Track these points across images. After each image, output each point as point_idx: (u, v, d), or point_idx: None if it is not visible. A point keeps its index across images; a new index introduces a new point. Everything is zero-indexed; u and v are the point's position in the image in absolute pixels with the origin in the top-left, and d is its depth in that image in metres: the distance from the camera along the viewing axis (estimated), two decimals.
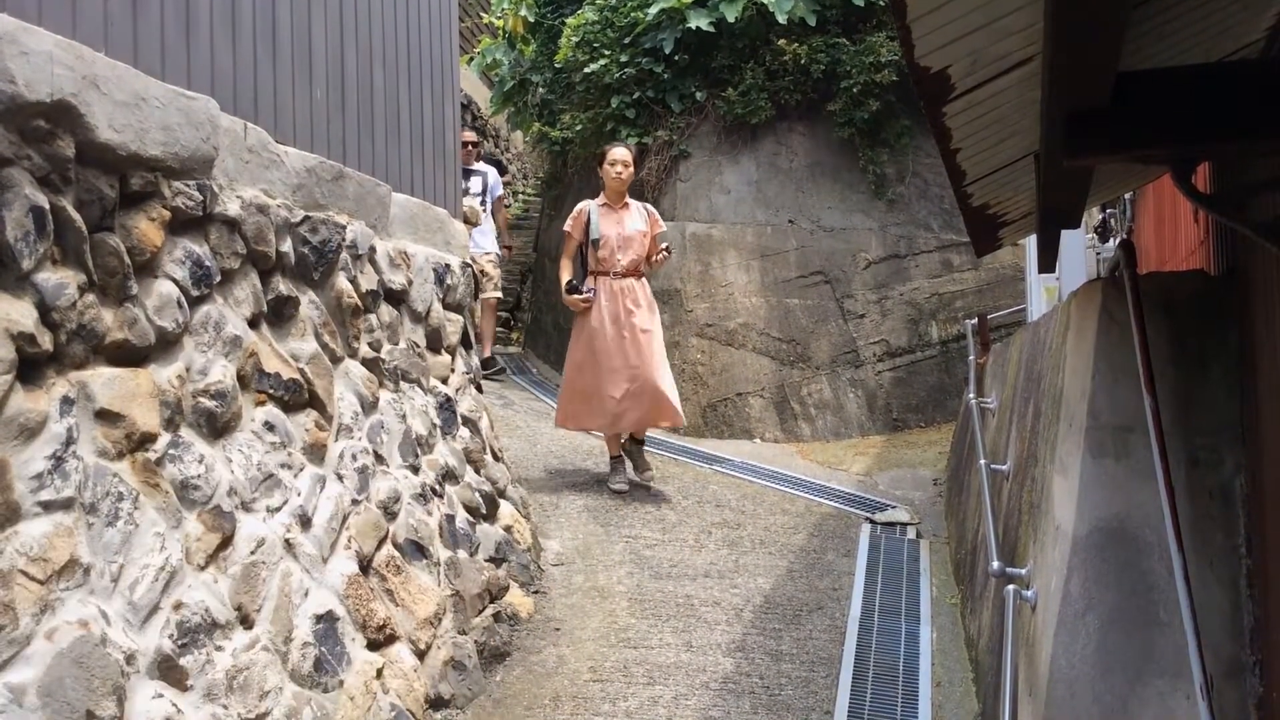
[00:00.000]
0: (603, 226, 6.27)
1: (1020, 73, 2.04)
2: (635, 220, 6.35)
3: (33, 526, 2.37)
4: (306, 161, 3.81)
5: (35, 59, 2.42)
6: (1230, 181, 3.04)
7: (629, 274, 6.24)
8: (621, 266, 6.23)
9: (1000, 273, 8.75)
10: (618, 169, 6.32)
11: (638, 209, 6.44)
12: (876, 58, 8.31)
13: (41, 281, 2.46)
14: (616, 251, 6.23)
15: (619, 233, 6.27)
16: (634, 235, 6.27)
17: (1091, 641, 2.79)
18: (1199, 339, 2.93)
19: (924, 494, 6.80)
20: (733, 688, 4.26)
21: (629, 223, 6.32)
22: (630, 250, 6.26)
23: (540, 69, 10.02)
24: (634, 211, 6.40)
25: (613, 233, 6.25)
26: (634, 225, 6.32)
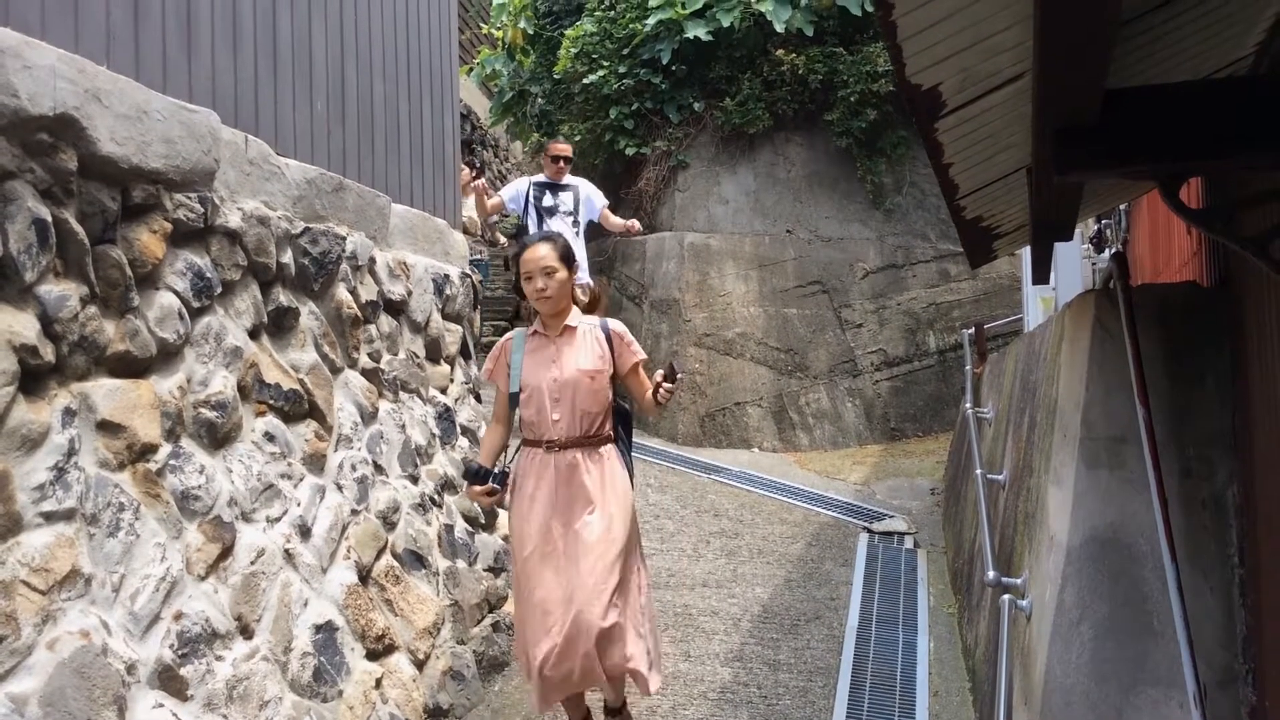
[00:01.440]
0: (526, 369, 3.74)
1: (1011, 89, 2.07)
2: (581, 353, 3.71)
3: (34, 537, 2.39)
4: (307, 173, 3.84)
5: (38, 73, 2.45)
6: (1221, 196, 3.07)
7: (574, 444, 3.68)
8: (557, 433, 3.68)
9: (997, 283, 8.78)
10: (539, 280, 3.69)
11: (588, 333, 3.79)
12: (874, 68, 8.36)
13: (44, 293, 2.48)
14: (549, 408, 3.70)
15: (552, 377, 3.70)
16: (576, 378, 3.66)
17: (1086, 651, 2.80)
18: (1191, 350, 2.96)
19: (921, 503, 6.82)
20: (730, 697, 4.27)
21: (569, 358, 3.71)
22: (570, 403, 3.68)
23: (539, 80, 10.06)
24: (580, 339, 3.76)
25: (541, 379, 3.71)
26: (577, 361, 3.69)
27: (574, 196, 7.31)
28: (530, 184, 7.30)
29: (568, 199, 7.30)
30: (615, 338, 3.77)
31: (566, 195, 7.30)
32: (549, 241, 3.74)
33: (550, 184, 7.29)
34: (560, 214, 7.14)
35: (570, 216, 7.21)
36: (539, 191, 7.24)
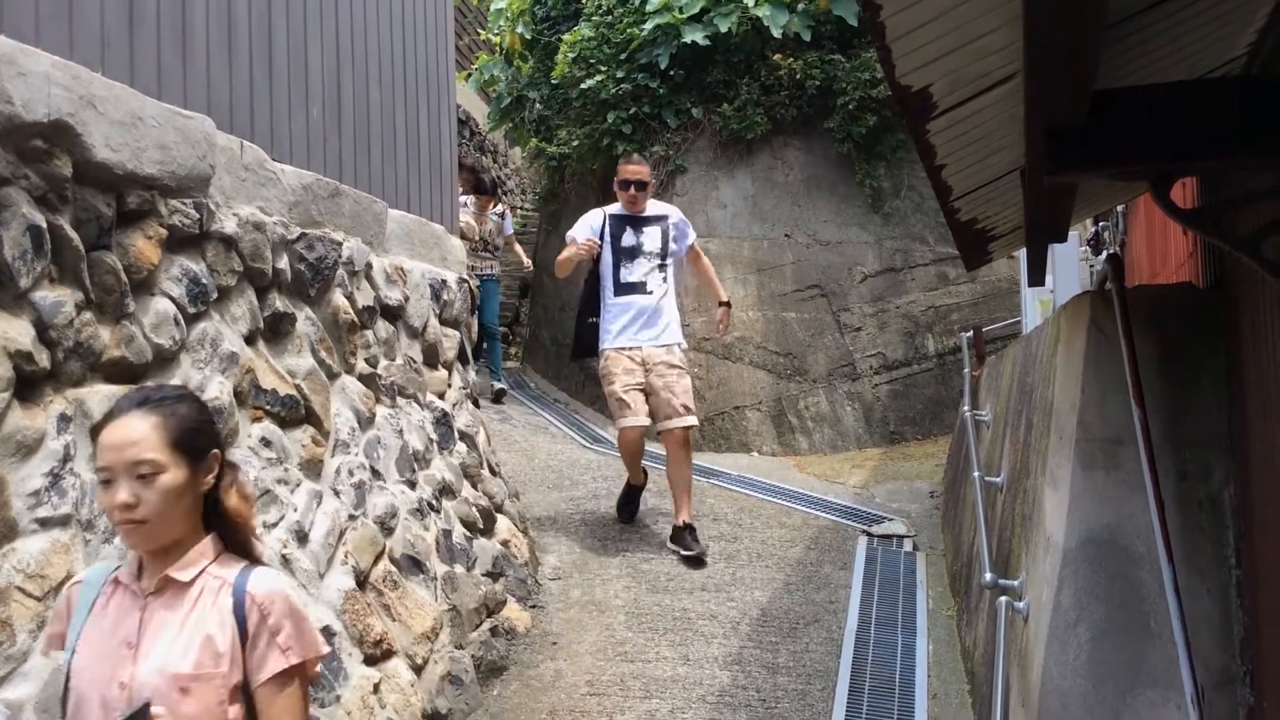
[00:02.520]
0: (81, 651, 1.94)
1: (1001, 90, 2.07)
2: (181, 636, 1.91)
3: (30, 543, 2.39)
4: (303, 179, 3.84)
5: (33, 80, 2.45)
6: (1213, 196, 3.07)
7: None
8: None
9: (996, 285, 8.78)
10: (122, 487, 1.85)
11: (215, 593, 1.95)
12: (872, 73, 8.36)
13: (39, 300, 2.48)
14: None
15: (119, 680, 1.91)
16: (157, 687, 1.86)
17: (1083, 652, 2.80)
18: (1187, 351, 2.96)
19: (921, 506, 6.81)
20: (729, 701, 4.27)
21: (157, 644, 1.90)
22: None
23: (537, 85, 10.07)
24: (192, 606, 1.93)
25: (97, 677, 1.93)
26: (165, 655, 1.89)
27: (661, 232, 5.71)
28: (606, 217, 5.75)
29: (654, 236, 5.69)
30: (254, 608, 1.93)
31: (652, 230, 5.70)
32: (151, 411, 1.91)
33: (629, 217, 5.72)
34: (645, 255, 5.65)
35: (656, 259, 5.67)
36: (616, 227, 5.69)
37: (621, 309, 5.58)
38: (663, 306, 5.61)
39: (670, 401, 5.49)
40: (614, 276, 5.58)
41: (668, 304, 5.65)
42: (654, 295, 5.60)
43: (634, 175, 5.70)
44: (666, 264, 5.69)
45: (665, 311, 5.63)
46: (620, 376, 5.48)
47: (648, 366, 5.52)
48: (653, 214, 5.77)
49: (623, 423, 5.50)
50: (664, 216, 5.80)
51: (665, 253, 5.70)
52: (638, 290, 5.59)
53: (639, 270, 5.60)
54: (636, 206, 5.70)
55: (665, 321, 5.63)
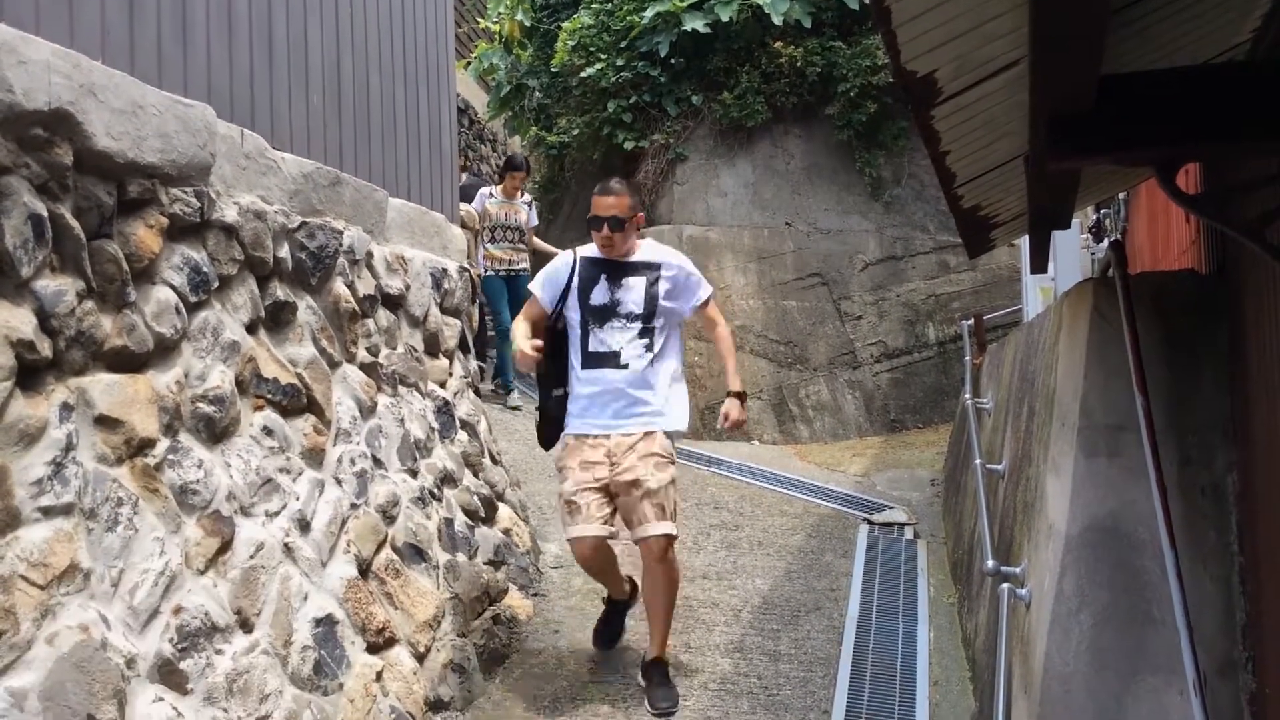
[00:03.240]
0: None
1: (1007, 76, 2.06)
2: None
3: (33, 532, 2.39)
4: (303, 167, 3.83)
5: (33, 68, 2.44)
6: (1217, 182, 3.06)
7: None
8: None
9: (996, 273, 8.77)
10: None
11: None
12: (873, 61, 8.34)
13: (40, 289, 2.48)
14: None
15: None
16: None
17: (1085, 639, 2.81)
18: (1190, 338, 2.96)
19: (921, 494, 6.82)
20: (731, 688, 4.28)
21: None
22: None
23: (537, 73, 10.05)
24: None
25: None
26: None
27: (648, 285, 4.13)
28: (576, 260, 4.23)
29: (636, 290, 4.13)
30: None
31: (635, 283, 4.14)
32: None
33: (605, 263, 4.19)
34: (621, 317, 4.12)
35: (638, 323, 4.11)
36: (588, 275, 4.17)
37: (586, 385, 4.10)
38: (647, 383, 4.05)
39: (641, 503, 3.94)
40: (580, 343, 4.10)
41: (655, 379, 4.08)
42: (631, 369, 4.04)
43: (607, 210, 4.05)
44: (654, 328, 4.08)
45: (650, 390, 4.06)
46: (574, 472, 4.03)
47: (614, 459, 4.00)
48: (640, 260, 4.16)
49: (570, 532, 4.07)
50: (655, 265, 4.15)
51: (653, 313, 4.09)
52: (608, 363, 4.05)
53: (613, 336, 4.05)
54: (613, 250, 4.12)
55: (649, 403, 4.06)
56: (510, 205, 8.23)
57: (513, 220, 8.24)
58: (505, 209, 8.22)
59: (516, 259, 8.26)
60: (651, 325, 4.12)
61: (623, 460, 3.98)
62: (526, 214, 8.33)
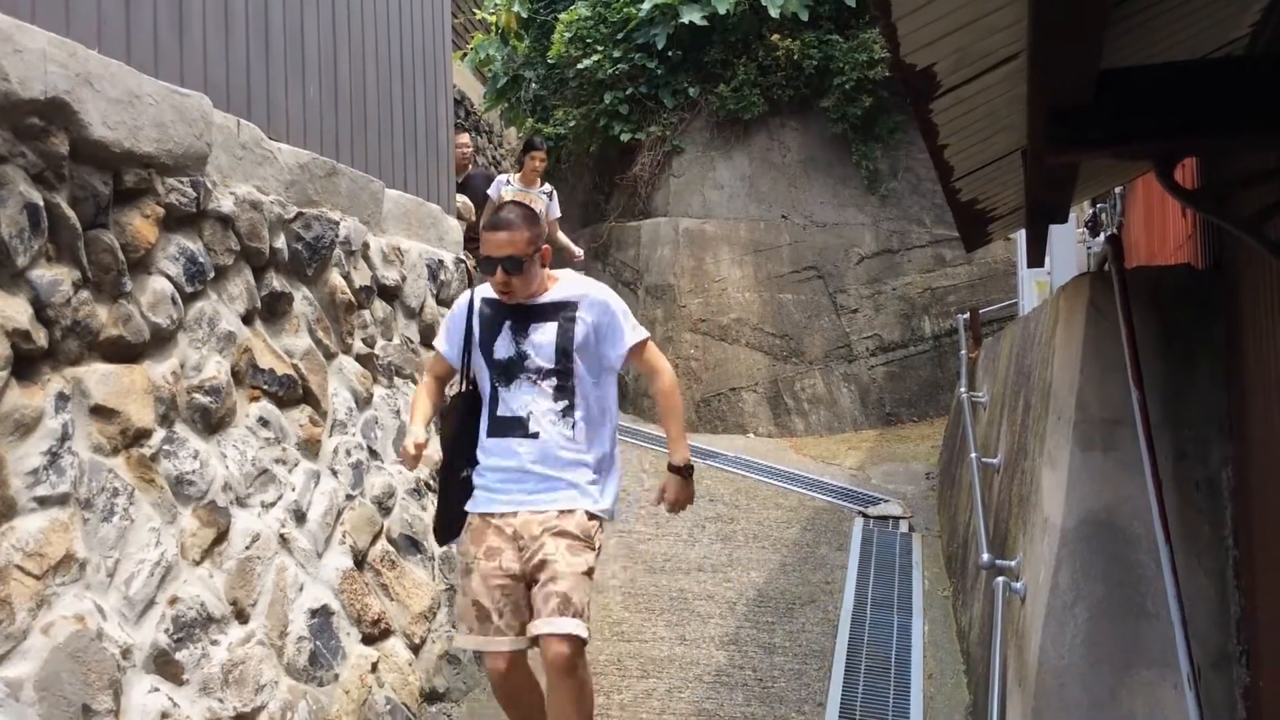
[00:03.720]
0: None
1: (1006, 69, 2.06)
2: None
3: (29, 522, 2.38)
4: (300, 158, 3.82)
5: (29, 57, 2.43)
6: (1214, 177, 3.06)
7: None
8: None
9: (992, 267, 8.78)
10: None
11: None
12: (869, 54, 8.34)
13: (36, 278, 2.47)
14: None
15: None
16: None
17: (1080, 632, 2.81)
18: (1186, 332, 2.96)
19: (916, 488, 6.83)
20: (726, 680, 4.29)
21: None
22: None
23: (533, 65, 10.03)
24: None
25: None
26: None
27: (561, 331, 3.16)
28: (476, 302, 3.26)
29: (546, 338, 3.15)
30: None
31: (545, 330, 3.16)
32: None
33: (509, 308, 3.19)
34: (529, 372, 3.15)
35: (551, 378, 3.15)
36: (490, 322, 3.22)
37: (492, 458, 3.15)
38: (564, 455, 3.12)
39: (543, 590, 3.00)
40: (488, 407, 3.18)
41: (577, 449, 3.13)
42: (544, 438, 3.09)
43: (500, 248, 3.05)
44: (570, 385, 3.14)
45: (569, 464, 3.12)
46: (479, 563, 3.06)
47: (522, 542, 3.06)
48: (552, 300, 3.18)
49: (472, 644, 3.14)
50: (570, 304, 3.17)
51: (567, 366, 3.13)
52: (515, 431, 3.12)
53: (520, 398, 3.12)
54: (512, 296, 3.12)
55: (565, 477, 3.11)
56: (527, 195, 7.49)
57: None
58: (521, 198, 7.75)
59: None
60: (568, 382, 3.12)
61: (531, 543, 3.02)
62: (545, 205, 7.61)
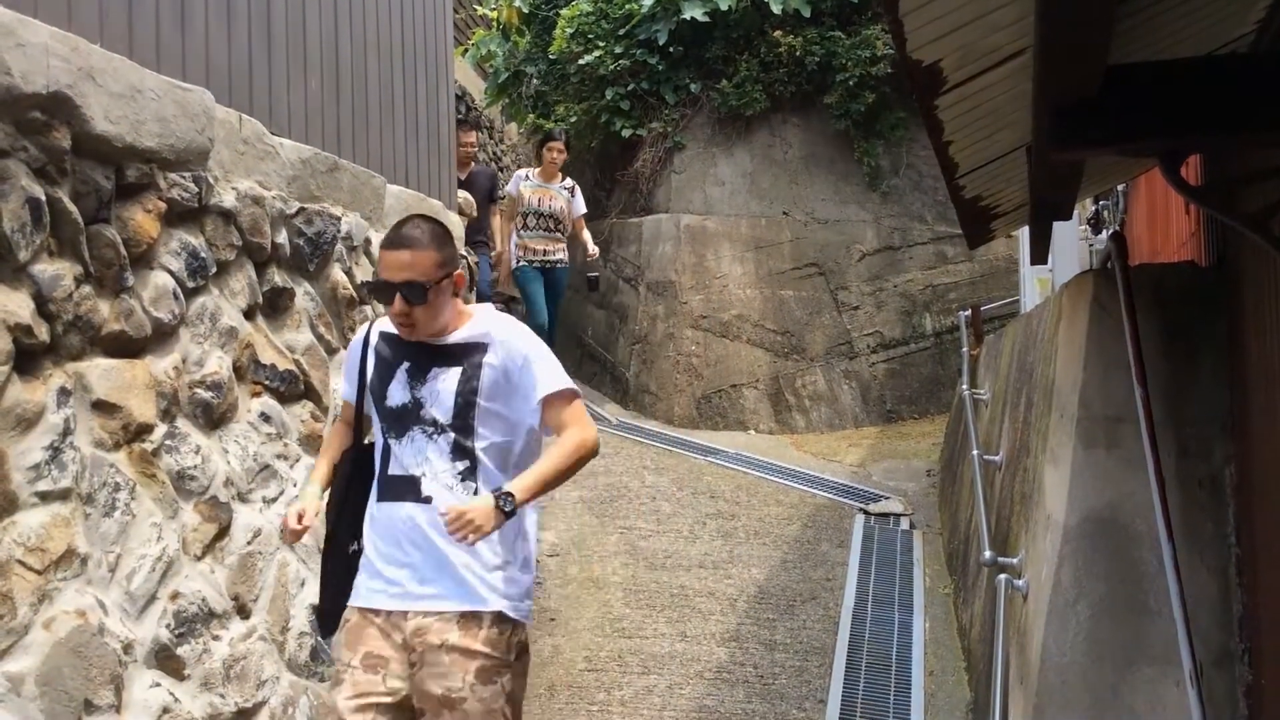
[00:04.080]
0: None
1: (1012, 66, 2.06)
2: None
3: (30, 517, 2.38)
4: (301, 153, 3.82)
5: (31, 51, 2.43)
6: (1219, 174, 3.06)
7: None
8: None
9: (994, 264, 8.77)
10: None
11: None
12: (872, 50, 8.32)
13: (38, 273, 2.47)
14: None
15: None
16: None
17: (1082, 630, 2.81)
18: (1189, 330, 2.96)
19: (917, 485, 6.83)
20: (727, 677, 4.29)
21: None
22: None
23: (535, 60, 10.00)
24: None
25: None
26: None
27: (465, 378, 2.53)
28: (372, 338, 2.67)
29: (446, 385, 2.54)
30: None
31: (447, 376, 2.54)
32: None
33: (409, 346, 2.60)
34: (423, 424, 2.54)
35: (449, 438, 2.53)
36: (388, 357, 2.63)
37: (378, 527, 2.54)
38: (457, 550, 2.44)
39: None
40: (380, 464, 2.58)
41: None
42: (439, 505, 2.45)
43: (399, 270, 2.46)
44: (472, 444, 2.52)
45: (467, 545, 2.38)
46: (353, 674, 2.45)
47: (414, 655, 2.45)
48: (461, 340, 2.58)
49: None
50: (479, 345, 2.56)
51: (467, 421, 2.52)
52: (406, 491, 2.51)
53: (412, 454, 2.52)
54: (414, 331, 2.53)
55: (467, 562, 2.46)
56: (546, 191, 7.38)
57: (547, 207, 7.36)
58: (540, 194, 7.36)
59: (553, 250, 7.41)
60: (469, 440, 2.50)
61: (427, 658, 2.40)
62: (566, 201, 7.42)
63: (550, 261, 7.40)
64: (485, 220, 8.23)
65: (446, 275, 2.51)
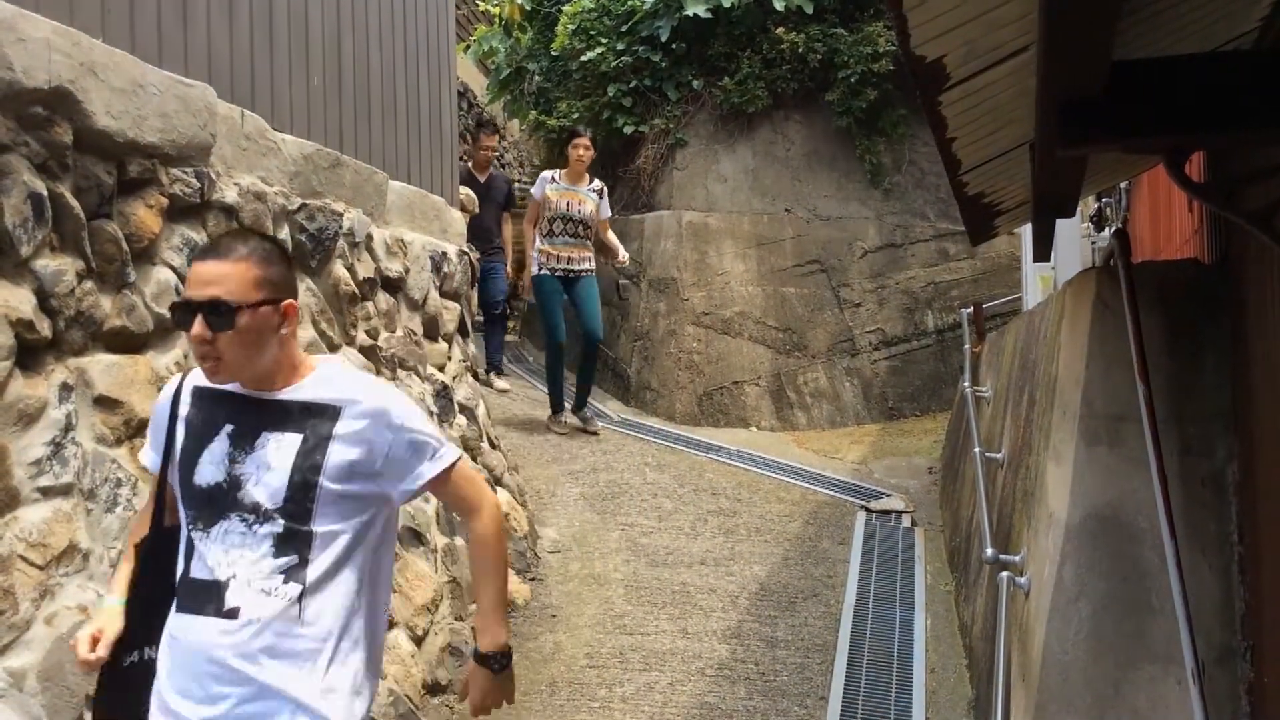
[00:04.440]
0: None
1: (1015, 62, 2.05)
2: None
3: (32, 512, 2.38)
4: (303, 149, 3.81)
5: (33, 46, 2.42)
6: (1223, 171, 3.05)
7: None
8: None
9: (996, 262, 8.76)
10: None
11: None
12: (874, 47, 8.31)
13: (40, 268, 2.46)
14: None
15: None
16: None
17: (1084, 628, 2.81)
18: (1192, 327, 2.95)
19: (919, 482, 6.83)
20: (728, 674, 4.29)
21: None
22: None
23: (537, 57, 10.00)
24: None
25: None
26: None
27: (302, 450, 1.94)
28: (184, 394, 2.08)
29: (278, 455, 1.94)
30: None
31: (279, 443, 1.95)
32: None
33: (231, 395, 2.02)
34: (244, 513, 1.93)
35: (274, 529, 1.92)
36: (201, 418, 2.03)
37: (171, 643, 1.98)
38: (280, 646, 1.92)
39: None
40: (183, 559, 2.01)
41: (301, 643, 1.93)
42: (245, 620, 1.91)
43: (203, 286, 1.92)
44: (306, 536, 1.95)
45: (287, 661, 1.92)
46: None
47: None
48: (302, 399, 2.02)
49: None
50: (328, 408, 2.01)
51: (305, 506, 1.94)
52: (206, 602, 1.94)
53: (219, 548, 1.95)
54: (220, 373, 1.97)
55: (285, 690, 1.91)
56: (574, 193, 6.91)
57: (575, 211, 6.89)
58: (568, 197, 6.90)
59: (578, 257, 6.94)
60: (302, 529, 1.93)
61: None
62: (595, 205, 6.99)
63: (576, 270, 6.93)
64: (498, 228, 8.15)
65: (270, 302, 1.94)
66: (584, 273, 6.94)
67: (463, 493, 2.14)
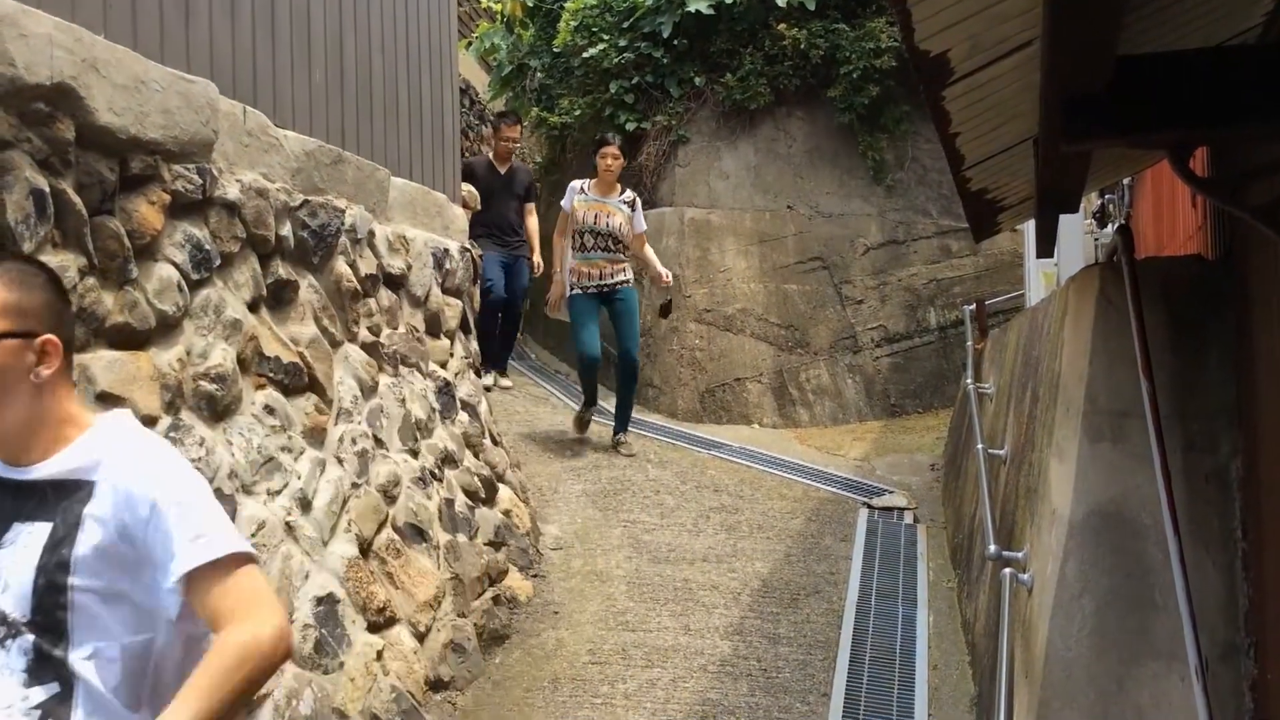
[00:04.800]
0: None
1: (1020, 56, 2.04)
2: None
3: None
4: (306, 145, 3.81)
5: (35, 42, 2.42)
6: (1227, 166, 3.04)
7: None
8: None
9: (999, 258, 8.75)
10: None
11: None
12: (876, 43, 8.30)
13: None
14: None
15: None
16: None
17: (1087, 624, 2.80)
18: (1196, 323, 2.95)
19: (921, 479, 6.82)
20: (730, 670, 4.29)
21: None
22: None
23: (538, 53, 9.99)
24: None
25: None
26: None
27: (49, 544, 1.52)
28: None
29: (22, 552, 1.53)
30: None
31: (30, 536, 1.54)
32: None
33: None
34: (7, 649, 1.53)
35: (23, 641, 1.52)
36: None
37: None
38: None
39: None
40: None
41: None
42: None
43: None
44: (63, 654, 1.53)
45: None
46: None
47: None
48: (53, 475, 1.58)
49: None
50: (78, 484, 1.58)
51: (60, 616, 1.53)
52: None
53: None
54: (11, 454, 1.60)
55: None
56: (603, 206, 6.49)
57: (604, 224, 6.46)
58: (596, 210, 6.48)
59: (611, 271, 6.51)
60: (57, 649, 1.54)
61: None
62: (625, 217, 6.55)
63: (610, 284, 6.49)
64: (519, 220, 7.95)
65: (20, 335, 1.54)
66: (620, 284, 6.54)
67: (220, 602, 1.51)
